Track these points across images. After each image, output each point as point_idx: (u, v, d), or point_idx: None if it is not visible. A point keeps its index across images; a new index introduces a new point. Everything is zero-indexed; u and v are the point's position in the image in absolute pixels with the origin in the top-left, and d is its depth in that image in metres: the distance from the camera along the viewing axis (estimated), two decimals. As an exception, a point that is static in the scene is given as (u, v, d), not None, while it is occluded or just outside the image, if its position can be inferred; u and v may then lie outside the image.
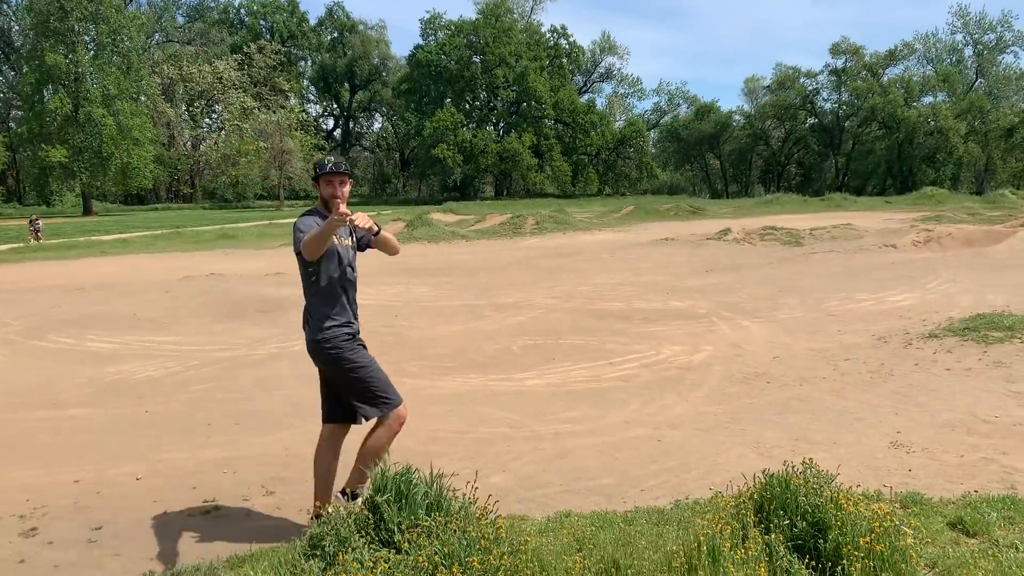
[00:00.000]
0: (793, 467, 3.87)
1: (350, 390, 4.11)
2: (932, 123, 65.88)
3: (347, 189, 4.12)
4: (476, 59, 77.29)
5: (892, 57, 73.09)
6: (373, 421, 4.16)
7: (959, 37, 73.28)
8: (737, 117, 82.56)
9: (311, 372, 4.36)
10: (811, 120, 78.04)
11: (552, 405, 6.68)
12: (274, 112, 67.76)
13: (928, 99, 70.57)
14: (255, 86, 74.86)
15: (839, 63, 73.50)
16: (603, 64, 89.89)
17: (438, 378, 7.75)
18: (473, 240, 26.54)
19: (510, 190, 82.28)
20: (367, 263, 4.63)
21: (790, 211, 39.57)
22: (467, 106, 79.36)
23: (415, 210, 44.37)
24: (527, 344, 9.22)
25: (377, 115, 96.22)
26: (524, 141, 75.33)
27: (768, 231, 23.90)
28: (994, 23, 70.99)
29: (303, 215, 4.13)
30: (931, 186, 53.02)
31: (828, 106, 76.80)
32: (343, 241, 4.17)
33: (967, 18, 71.80)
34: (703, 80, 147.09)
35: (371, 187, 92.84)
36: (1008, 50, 71.39)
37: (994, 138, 66.99)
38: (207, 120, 78.51)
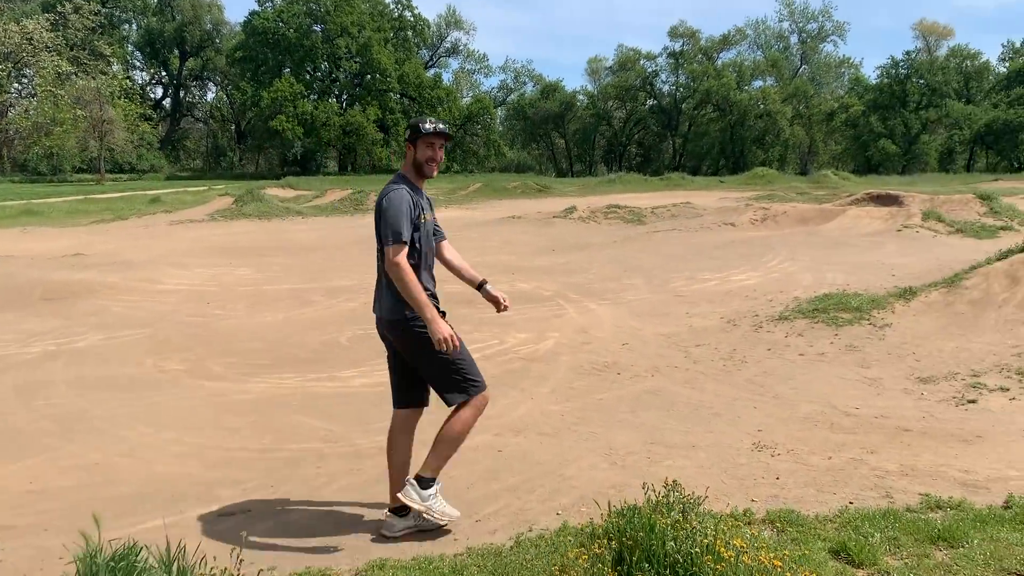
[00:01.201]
0: (655, 494, 3.16)
1: (435, 372, 3.78)
2: (762, 106, 69.07)
3: (442, 155, 3.81)
4: (316, 28, 74.04)
5: (726, 42, 76.05)
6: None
7: (786, 25, 77.24)
8: (581, 97, 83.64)
9: (93, 376, 3.24)
10: (651, 102, 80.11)
11: (380, 409, 5.73)
12: (93, 78, 62.06)
13: (758, 83, 73.98)
14: (71, 49, 68.14)
15: (677, 46, 75.77)
16: (449, 39, 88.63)
17: (247, 379, 6.64)
18: (310, 217, 24.97)
19: (355, 165, 79.85)
20: (176, 240, 3.50)
21: (632, 190, 40.13)
22: (308, 77, 76.02)
23: (250, 185, 41.78)
24: (358, 335, 8.23)
25: (211, 84, 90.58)
26: (369, 115, 73.01)
27: (612, 209, 23.83)
28: (816, 13, 75.31)
29: (392, 187, 3.70)
30: (761, 166, 55.50)
31: (667, 88, 79.08)
32: (427, 216, 3.85)
33: (792, 7, 75.74)
34: (548, 60, 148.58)
35: (204, 161, 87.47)
36: (828, 39, 75.98)
37: (817, 122, 71.13)
38: (16, 85, 71.01)
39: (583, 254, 14.99)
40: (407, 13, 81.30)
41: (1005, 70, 67.58)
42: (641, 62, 78.14)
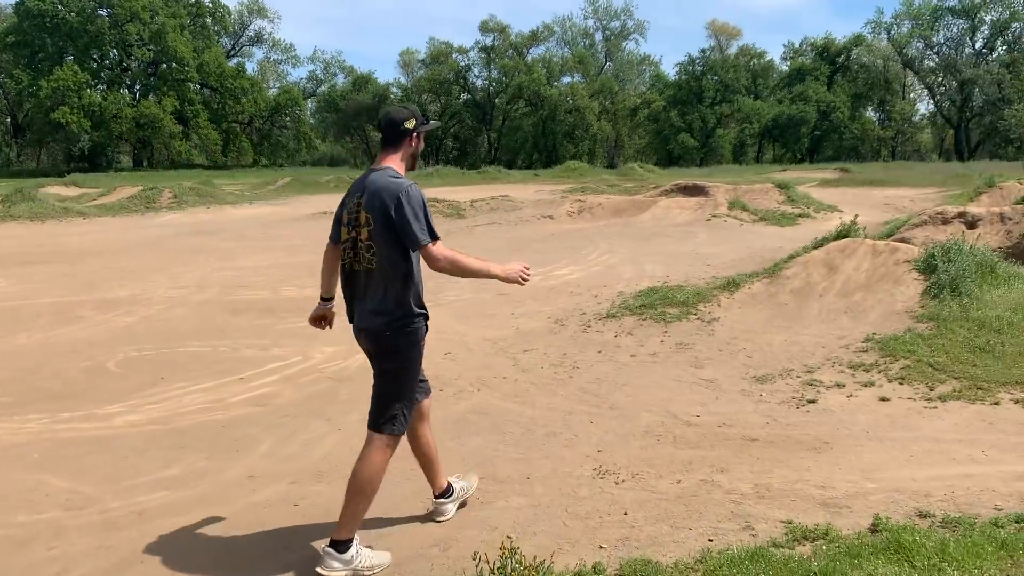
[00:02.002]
0: (489, 565, 2.43)
1: (388, 387, 3.61)
2: (571, 102, 70.75)
3: None
4: (102, 12, 67.96)
5: (535, 38, 77.24)
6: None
7: (591, 23, 79.58)
8: (395, 89, 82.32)
9: None
10: (465, 95, 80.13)
11: (145, 458, 4.66)
12: None
13: (567, 79, 75.75)
14: None
15: (488, 41, 76.11)
16: (252, 27, 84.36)
17: (-25, 424, 5.30)
18: (94, 217, 22.40)
19: (152, 160, 74.19)
20: None
21: (450, 183, 39.56)
22: (95, 65, 69.67)
23: (25, 183, 37.48)
24: (131, 358, 6.96)
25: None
26: (165, 106, 67.85)
27: (430, 203, 22.90)
28: (619, 11, 78.12)
29: (404, 181, 3.36)
30: (573, 160, 56.79)
31: (480, 82, 79.34)
32: None
33: (596, 5, 78.14)
34: (359, 52, 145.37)
35: (-26, 156, 78.16)
36: (630, 37, 79.05)
37: (622, 117, 73.83)
38: None
39: (399, 252, 14.12)
40: (205, -1, 76.60)
41: (787, 68, 73.10)
42: (453, 56, 77.92)
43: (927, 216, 10.63)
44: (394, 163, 3.44)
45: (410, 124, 3.43)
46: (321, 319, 4.10)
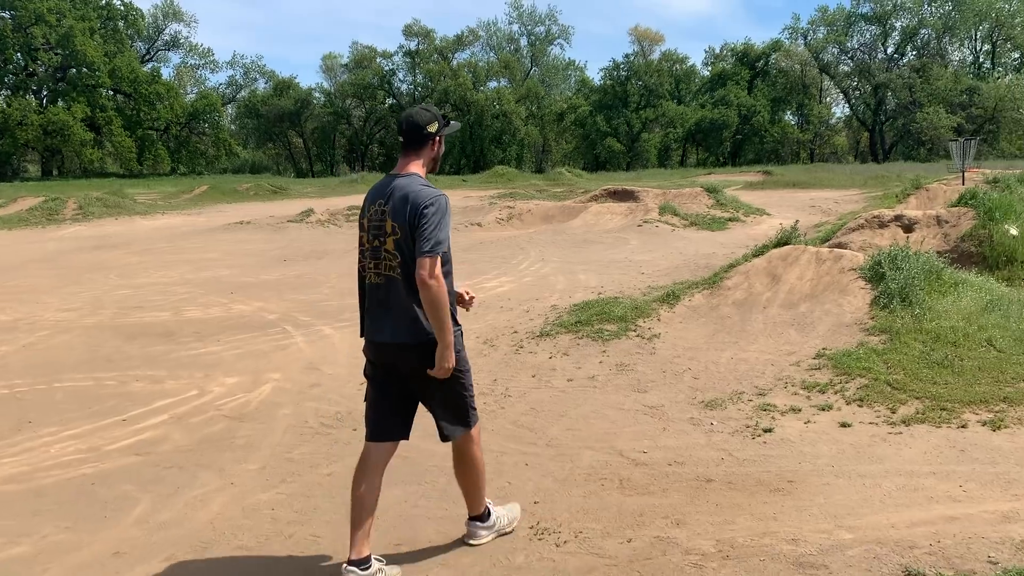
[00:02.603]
0: None
1: (452, 400, 3.36)
2: (498, 107, 70.35)
3: None
4: (4, 14, 64.64)
5: (460, 42, 76.65)
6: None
7: (515, 28, 79.39)
8: (318, 94, 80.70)
9: None
10: (390, 100, 78.98)
11: (-11, 529, 3.85)
12: None
13: (493, 84, 75.40)
14: None
15: (412, 45, 75.24)
16: (168, 31, 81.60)
17: None
18: (-13, 231, 20.82)
19: (63, 169, 70.89)
20: None
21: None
22: (-4, 69, 66.25)
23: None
24: (-3, 395, 6.05)
25: None
26: (75, 113, 64.89)
27: (354, 211, 22.23)
28: (543, 17, 78.13)
29: (431, 189, 3.20)
30: (501, 165, 56.35)
31: (405, 87, 78.34)
32: None
33: (521, 10, 78.00)
34: (280, 57, 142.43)
35: None
36: (555, 42, 79.12)
37: (549, 122, 73.79)
38: None
39: (320, 263, 13.33)
40: (116, 1, 73.68)
41: (708, 73, 74.21)
42: (377, 60, 76.77)
43: (864, 219, 10.38)
44: (418, 168, 3.31)
45: (433, 127, 3.30)
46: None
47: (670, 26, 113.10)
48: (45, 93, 69.92)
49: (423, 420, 3.48)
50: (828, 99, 73.86)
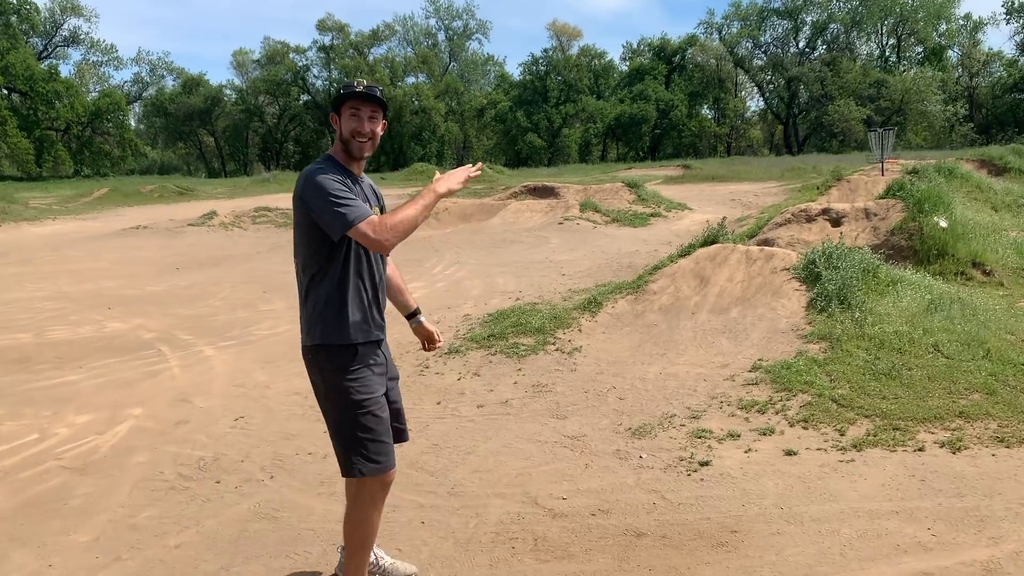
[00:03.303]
0: None
1: (335, 428, 2.96)
2: (417, 103, 69.19)
3: (379, 129, 2.90)
4: None
5: (376, 37, 75.08)
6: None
7: (432, 22, 78.23)
8: (229, 91, 78.04)
9: None
10: (305, 97, 76.91)
11: None
12: None
13: (411, 79, 74.14)
14: None
15: (327, 40, 73.40)
16: (67, 27, 77.60)
17: None
18: None
19: (-48, 173, 66.72)
20: None
21: (289, 189, 37.17)
22: None
23: None
24: None
25: None
26: (-36, 113, 61.17)
27: (261, 212, 21.16)
28: (460, 11, 77.18)
29: (315, 170, 2.79)
30: (421, 162, 55.30)
31: (320, 83, 76.35)
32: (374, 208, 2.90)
33: (438, 5, 76.83)
34: (188, 53, 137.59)
35: None
36: (474, 37, 78.27)
37: (469, 118, 73.00)
38: None
39: (216, 271, 12.27)
40: (6, -6, 69.59)
41: (626, 68, 74.54)
42: (291, 56, 74.67)
43: (790, 214, 9.96)
44: (333, 150, 2.93)
45: (333, 105, 2.92)
46: (425, 339, 3.48)
47: (588, 21, 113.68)
48: (-70, 91, 65.75)
49: (315, 463, 2.69)
50: (743, 93, 75.12)
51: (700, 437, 4.49)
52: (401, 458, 4.28)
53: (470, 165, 2.98)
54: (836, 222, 9.49)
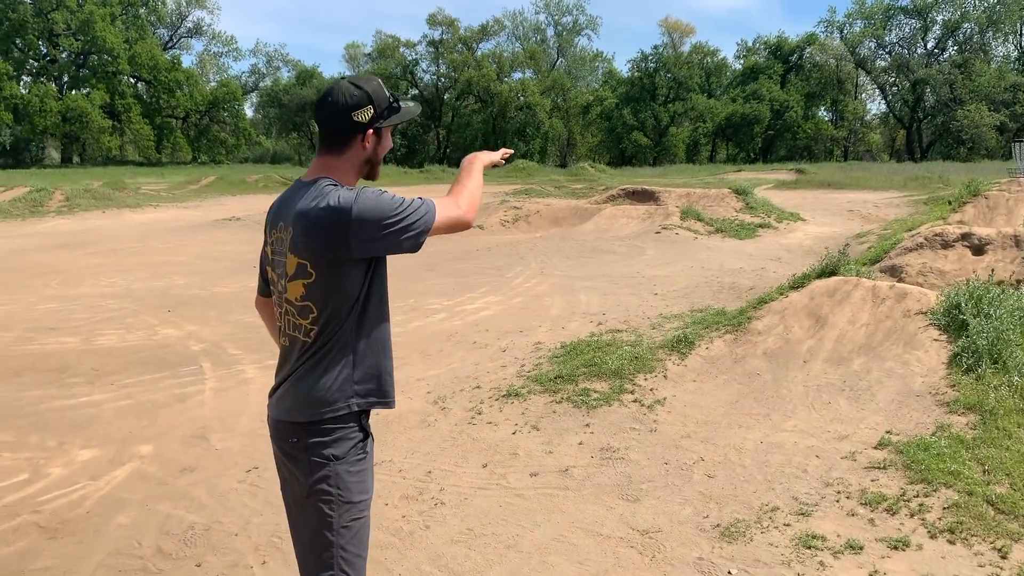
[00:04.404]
0: None
1: (311, 541, 2.15)
2: (522, 98, 68.58)
3: None
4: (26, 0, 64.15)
5: (485, 32, 74.89)
6: None
7: (542, 18, 77.66)
8: (340, 84, 79.58)
9: None
10: (413, 91, 77.50)
11: None
12: None
13: (518, 75, 73.57)
14: None
15: (436, 35, 73.67)
16: (191, 18, 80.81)
17: None
18: (-40, 224, 19.54)
19: (84, 156, 70.34)
20: None
21: (389, 183, 37.06)
22: (18, 54, 65.68)
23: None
24: None
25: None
26: (94, 99, 64.26)
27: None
28: (571, 7, 76.12)
29: (353, 198, 2.05)
30: (522, 159, 54.64)
31: (428, 78, 76.82)
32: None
33: (548, 0, 76.06)
34: (304, 46, 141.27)
35: None
36: (583, 33, 77.15)
37: (574, 114, 71.91)
38: None
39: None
40: (136, -13, 72.98)
41: (740, 67, 71.86)
42: (401, 50, 75.36)
43: (922, 237, 8.60)
44: (338, 175, 2.18)
45: (363, 115, 2.13)
46: None
47: (702, 18, 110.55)
48: (66, 79, 69.38)
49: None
50: (864, 95, 71.28)
51: (809, 547, 3.44)
52: (424, 547, 3.42)
53: (504, 149, 2.61)
54: (978, 250, 8.10)
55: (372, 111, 2.14)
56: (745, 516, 3.74)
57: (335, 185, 2.11)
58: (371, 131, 2.18)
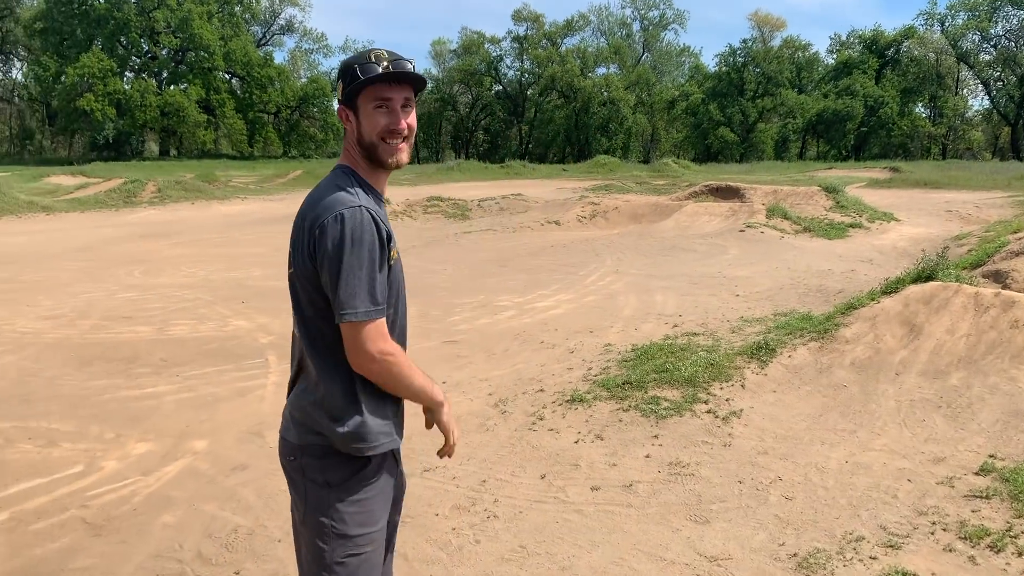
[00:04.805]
0: None
1: (310, 562, 1.96)
2: (605, 93, 67.88)
3: (413, 121, 2.03)
4: (130, -1, 67.05)
5: (569, 27, 74.44)
6: None
7: (628, 12, 76.56)
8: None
9: None
10: (496, 87, 77.71)
11: None
12: None
13: (602, 70, 72.85)
14: None
15: (521, 30, 73.60)
16: (283, 16, 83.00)
17: None
18: (60, 213, 20.33)
19: (181, 150, 73.12)
20: None
21: (470, 178, 37.19)
22: (122, 52, 68.71)
23: (29, 171, 36.24)
24: None
25: (14, 59, 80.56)
26: (191, 94, 66.70)
27: (433, 202, 20.76)
28: (658, 1, 74.94)
29: (341, 196, 1.89)
30: (604, 155, 54.04)
31: (512, 73, 76.85)
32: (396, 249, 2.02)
33: (635, -6, 75.07)
34: (391, 42, 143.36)
35: (11, 145, 77.64)
36: (670, 27, 75.86)
37: (659, 110, 70.80)
38: None
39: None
40: (232, -15, 75.30)
41: (832, 61, 69.42)
42: (486, 46, 75.57)
43: (1032, 241, 7.93)
44: (346, 158, 2.02)
45: (339, 93, 2.03)
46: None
47: (793, 12, 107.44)
48: (165, 75, 72.19)
49: None
50: (965, 91, 67.89)
51: (899, 585, 3.08)
52: (474, 564, 3.19)
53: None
54: (1098, 255, 7.40)
55: (342, 86, 2.00)
56: (826, 546, 3.38)
57: (339, 187, 1.94)
58: (345, 107, 2.01)
